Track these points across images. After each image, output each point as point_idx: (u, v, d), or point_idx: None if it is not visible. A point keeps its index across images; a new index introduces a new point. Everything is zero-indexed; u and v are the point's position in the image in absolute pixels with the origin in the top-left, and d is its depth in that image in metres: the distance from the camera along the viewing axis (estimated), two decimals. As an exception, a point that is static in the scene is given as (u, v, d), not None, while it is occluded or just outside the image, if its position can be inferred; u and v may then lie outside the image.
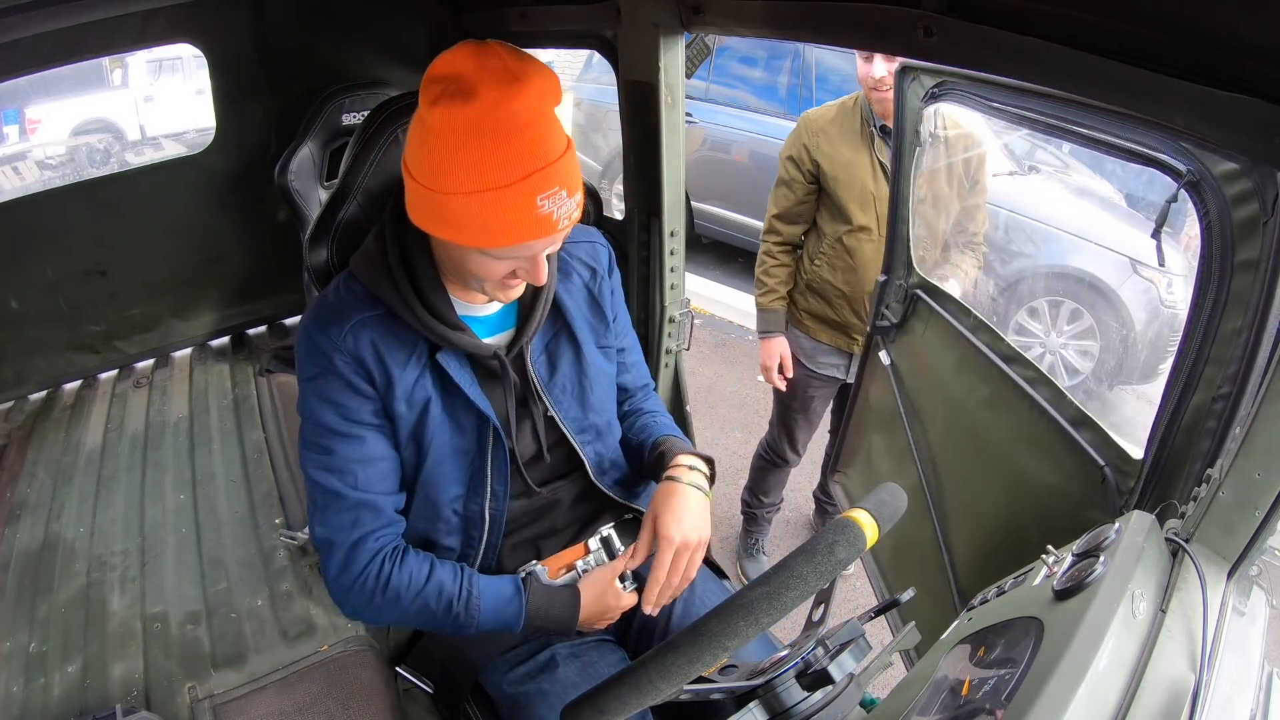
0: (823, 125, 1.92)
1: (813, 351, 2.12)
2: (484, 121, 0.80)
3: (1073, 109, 1.04)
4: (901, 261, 1.64)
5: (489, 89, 0.79)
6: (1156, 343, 3.44)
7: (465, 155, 0.81)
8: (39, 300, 2.30)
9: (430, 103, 0.81)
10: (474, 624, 1.03)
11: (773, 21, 1.17)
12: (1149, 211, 3.63)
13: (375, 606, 1.01)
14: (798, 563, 0.74)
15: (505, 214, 0.83)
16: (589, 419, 1.13)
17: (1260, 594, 0.78)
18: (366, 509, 1.00)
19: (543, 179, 0.83)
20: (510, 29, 1.87)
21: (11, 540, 1.83)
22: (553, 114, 0.86)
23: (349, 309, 0.97)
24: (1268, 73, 0.59)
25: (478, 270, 0.91)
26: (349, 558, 1.00)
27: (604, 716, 0.69)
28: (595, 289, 1.14)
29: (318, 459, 0.99)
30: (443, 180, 0.82)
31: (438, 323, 0.97)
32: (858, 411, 1.92)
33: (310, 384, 0.98)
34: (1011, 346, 1.35)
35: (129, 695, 1.41)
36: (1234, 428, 0.90)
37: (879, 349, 1.75)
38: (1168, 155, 0.93)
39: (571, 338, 1.10)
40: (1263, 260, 0.86)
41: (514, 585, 1.06)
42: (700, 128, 4.87)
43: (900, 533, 1.66)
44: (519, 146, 0.81)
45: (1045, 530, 1.21)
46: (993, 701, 0.60)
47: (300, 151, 2.20)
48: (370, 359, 0.97)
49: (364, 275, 0.98)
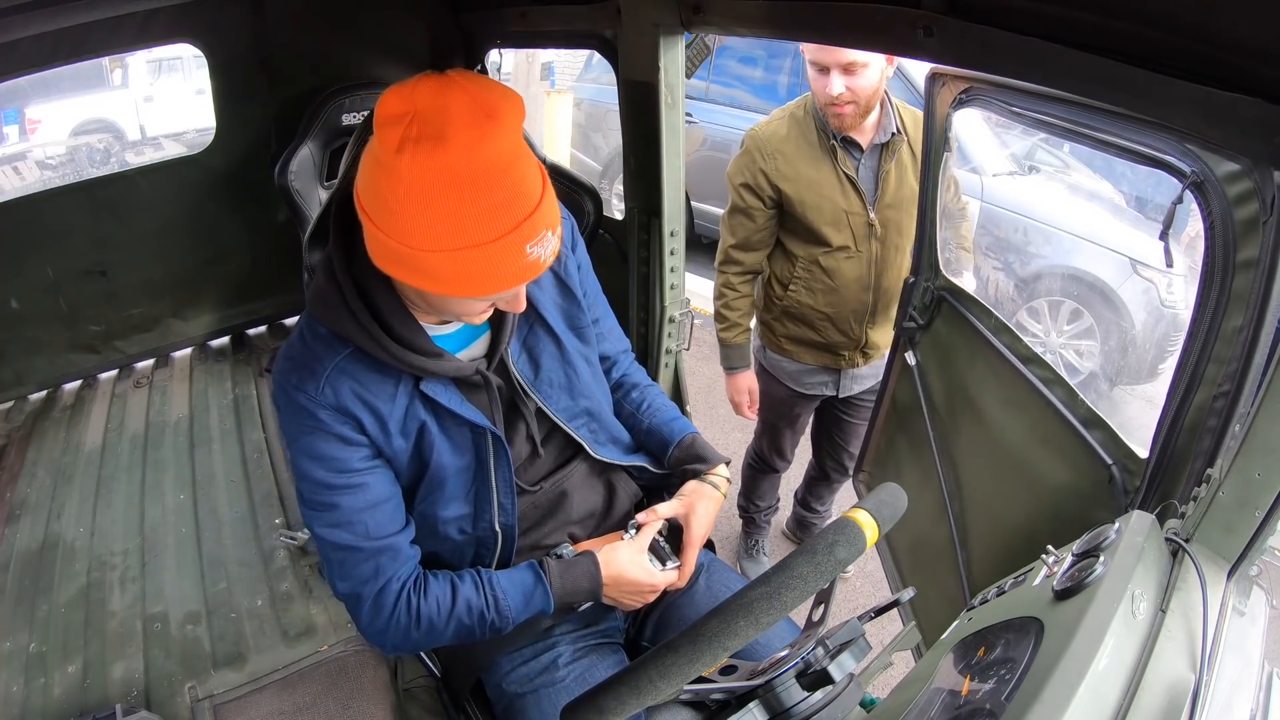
0: (777, 145, 1.76)
1: (798, 374, 2.03)
2: (460, 172, 0.73)
3: (1086, 113, 1.04)
4: (928, 264, 1.65)
5: (460, 131, 0.72)
6: (1156, 343, 3.45)
7: (443, 210, 0.74)
8: (39, 300, 2.30)
9: (394, 149, 0.73)
10: (509, 623, 1.03)
11: (773, 21, 1.17)
12: (1149, 211, 3.63)
13: (414, 641, 1.01)
14: (798, 563, 0.74)
15: (491, 268, 0.78)
16: (579, 405, 1.12)
17: (1260, 594, 0.78)
18: (384, 554, 0.98)
19: (529, 228, 0.78)
20: (510, 29, 1.87)
21: (11, 540, 1.83)
22: (526, 147, 0.80)
23: (319, 357, 0.92)
24: (1268, 73, 0.59)
25: (454, 309, 0.89)
26: (377, 604, 0.99)
27: (604, 716, 0.69)
28: (561, 270, 1.11)
29: (323, 516, 0.96)
30: (418, 238, 0.76)
31: (416, 355, 0.92)
32: (884, 412, 1.92)
33: (299, 444, 0.94)
34: (1029, 348, 1.36)
35: (129, 695, 1.41)
36: (1233, 424, 0.91)
37: (905, 350, 1.75)
38: (1173, 157, 0.94)
39: (548, 330, 1.08)
40: (1262, 259, 0.87)
41: (533, 572, 1.06)
42: (700, 128, 4.87)
43: (918, 531, 1.68)
44: (502, 196, 0.76)
45: (1056, 531, 1.21)
46: (993, 701, 0.60)
47: (300, 151, 2.19)
48: (355, 405, 0.93)
49: (325, 317, 0.91)
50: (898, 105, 1.76)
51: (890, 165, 1.75)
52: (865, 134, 1.74)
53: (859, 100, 1.64)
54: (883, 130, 1.73)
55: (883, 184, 1.76)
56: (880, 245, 1.79)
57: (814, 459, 2.39)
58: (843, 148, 1.73)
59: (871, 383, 2.04)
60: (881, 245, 1.79)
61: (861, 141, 1.73)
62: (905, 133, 1.75)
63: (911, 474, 1.75)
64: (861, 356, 1.95)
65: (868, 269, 1.81)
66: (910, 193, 1.79)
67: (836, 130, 1.71)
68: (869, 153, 1.75)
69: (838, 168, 1.73)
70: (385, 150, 0.74)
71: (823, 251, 1.81)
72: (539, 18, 1.74)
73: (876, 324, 1.90)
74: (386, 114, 0.74)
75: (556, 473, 1.14)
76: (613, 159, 5.33)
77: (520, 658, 1.14)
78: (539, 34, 1.83)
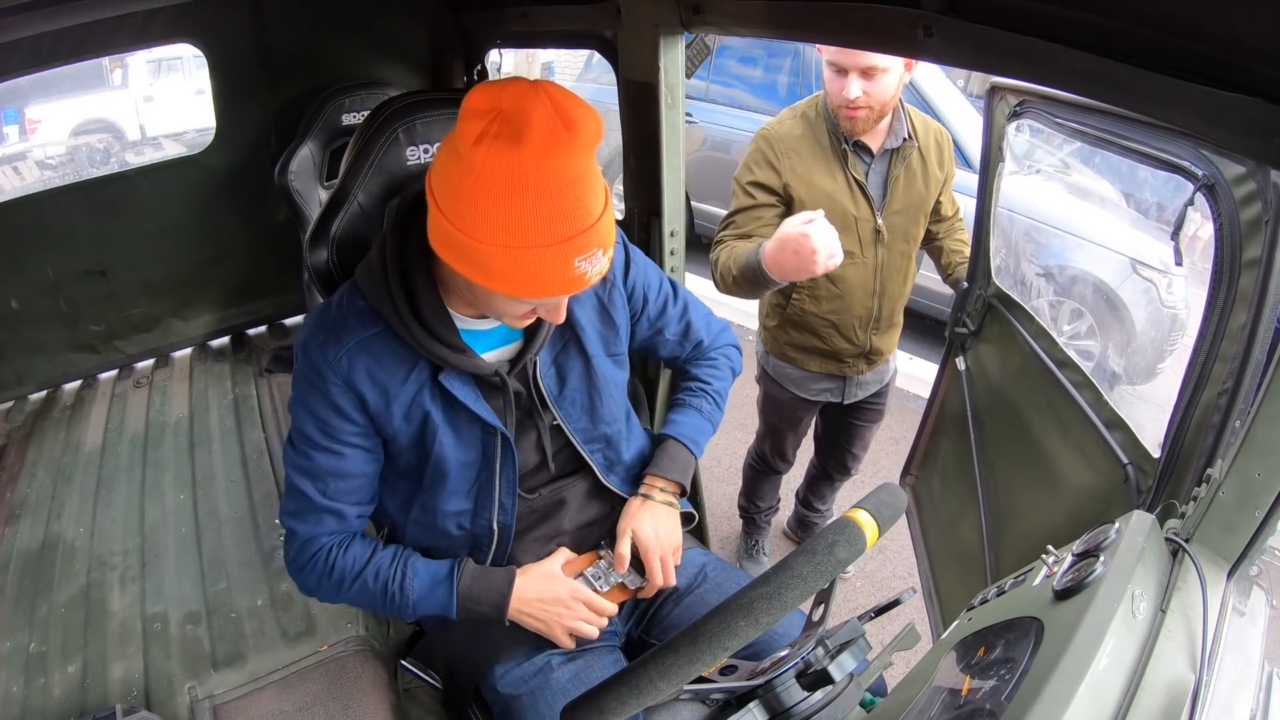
0: (792, 145, 1.70)
1: (803, 380, 1.98)
2: (529, 174, 0.76)
3: (1114, 122, 1.10)
4: (983, 272, 1.68)
5: (538, 136, 0.75)
6: (1156, 343, 3.44)
7: (506, 206, 0.77)
8: (39, 300, 2.30)
9: (473, 140, 0.76)
10: (409, 605, 1.05)
11: (773, 21, 1.17)
12: (1149, 211, 3.63)
13: (323, 588, 1.06)
14: (798, 563, 0.74)
15: (540, 271, 0.81)
16: (598, 429, 1.13)
17: (1260, 594, 0.78)
18: (331, 515, 1.03)
19: (583, 241, 0.81)
20: (510, 29, 1.87)
21: (11, 540, 1.83)
22: (596, 167, 0.83)
23: (348, 327, 0.96)
24: (1268, 73, 0.59)
25: (497, 307, 0.91)
26: (304, 546, 1.05)
27: (604, 716, 0.69)
28: (606, 297, 1.12)
29: (297, 460, 1.02)
30: (477, 229, 0.79)
31: (439, 345, 0.96)
32: (933, 416, 1.94)
33: (301, 389, 0.99)
34: (1064, 351, 1.39)
35: (129, 695, 1.41)
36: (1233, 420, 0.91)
37: (955, 355, 1.79)
38: (1187, 161, 0.97)
39: (581, 350, 1.09)
40: (1262, 258, 0.88)
41: (448, 568, 1.07)
42: (700, 128, 4.87)
43: (957, 533, 1.70)
44: (563, 207, 0.78)
45: (1075, 533, 1.22)
46: (993, 701, 0.60)
47: (300, 151, 2.20)
48: (364, 383, 0.96)
49: (367, 289, 0.96)
50: (909, 110, 1.75)
51: (900, 171, 1.73)
52: (876, 138, 1.71)
53: (874, 105, 1.61)
54: (894, 135, 1.71)
55: (891, 190, 1.74)
56: (886, 251, 1.77)
57: (816, 459, 2.39)
58: (854, 152, 1.70)
59: (876, 388, 2.03)
60: (888, 251, 1.77)
61: (872, 146, 1.71)
62: (916, 138, 1.74)
63: (953, 478, 1.78)
64: (866, 363, 1.93)
65: (873, 276, 1.79)
66: (918, 198, 1.78)
67: (848, 133, 1.68)
68: (879, 158, 1.73)
69: (848, 172, 1.71)
70: (464, 141, 0.77)
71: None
72: (539, 18, 1.74)
73: (881, 331, 1.89)
74: (471, 108, 0.78)
75: (558, 481, 1.14)
76: (613, 159, 5.33)
77: (517, 658, 1.14)
78: (539, 34, 1.83)
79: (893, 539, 2.47)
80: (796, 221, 1.43)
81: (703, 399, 1.28)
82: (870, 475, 2.79)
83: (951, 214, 1.94)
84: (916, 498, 2.04)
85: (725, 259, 1.68)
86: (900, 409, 3.06)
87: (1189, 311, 3.28)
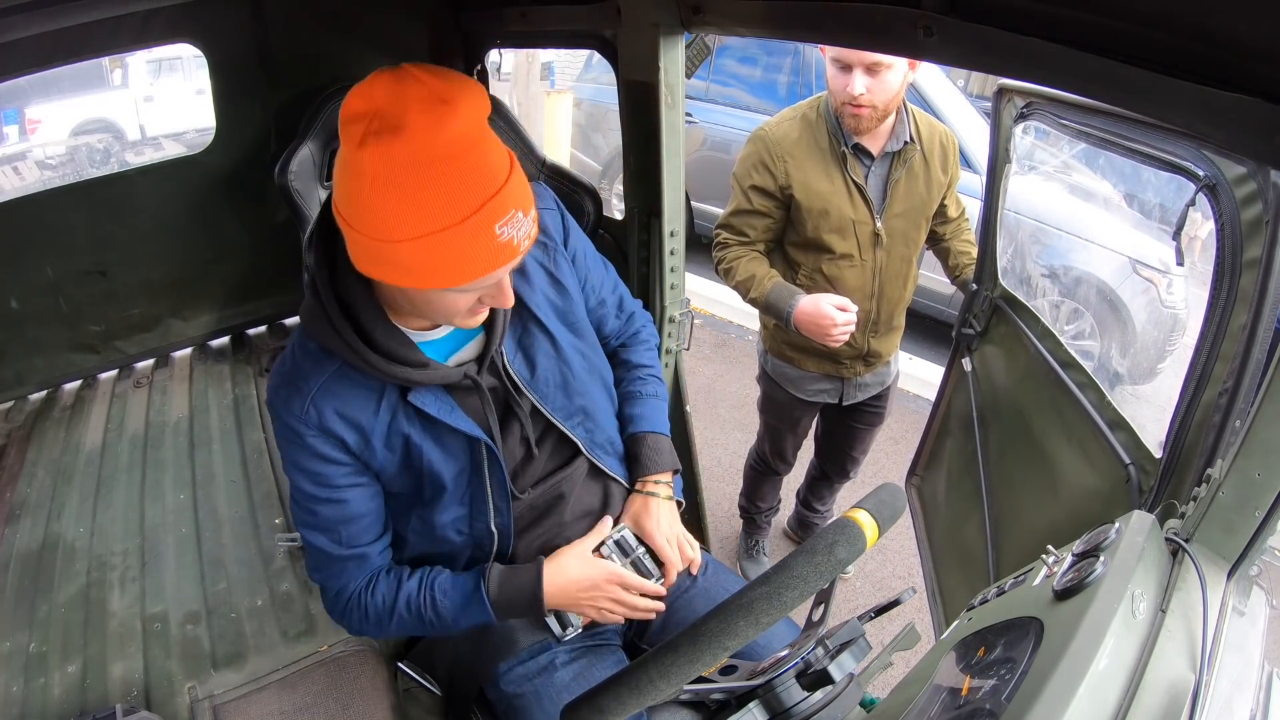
0: (788, 148, 1.71)
1: (801, 381, 1.99)
2: (419, 157, 0.74)
3: (1119, 123, 1.11)
4: (989, 273, 1.68)
5: (417, 118, 0.73)
6: (1156, 343, 3.44)
7: (407, 197, 0.75)
8: (39, 300, 2.30)
9: (356, 145, 0.74)
10: (449, 625, 1.05)
11: (773, 21, 1.16)
12: (1150, 212, 3.63)
13: (369, 629, 1.09)
14: (798, 563, 0.74)
15: (463, 251, 0.78)
16: (574, 403, 1.12)
17: (1260, 594, 0.78)
18: (353, 561, 1.05)
19: (497, 205, 0.78)
20: (510, 29, 1.87)
21: (11, 540, 1.83)
22: (489, 130, 0.80)
23: (305, 373, 0.95)
24: (1268, 73, 0.59)
25: (441, 308, 0.88)
26: (337, 597, 1.08)
27: (604, 716, 0.69)
28: (551, 265, 1.10)
29: (303, 517, 1.03)
30: (387, 228, 0.77)
31: (399, 366, 0.93)
32: (939, 417, 1.94)
33: (287, 455, 0.99)
34: (1068, 352, 1.40)
35: (129, 695, 1.41)
36: (1233, 420, 0.91)
37: (961, 356, 1.79)
38: (1190, 162, 0.98)
39: (541, 327, 1.07)
40: (1263, 258, 0.88)
41: (474, 580, 1.06)
42: (700, 128, 4.87)
43: (957, 533, 1.70)
44: (465, 176, 0.76)
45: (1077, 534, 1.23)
46: (993, 701, 0.60)
47: (300, 151, 2.19)
48: (338, 425, 0.95)
49: (314, 330, 0.93)
50: (914, 112, 1.74)
51: (901, 174, 1.72)
52: (878, 140, 1.71)
53: (878, 103, 1.60)
54: (895, 138, 1.70)
55: (891, 193, 1.73)
56: (885, 254, 1.77)
57: (816, 461, 2.39)
58: (854, 154, 1.69)
59: (876, 391, 2.03)
60: (886, 254, 1.77)
61: (873, 148, 1.70)
62: (919, 141, 1.73)
63: (958, 479, 1.78)
64: (864, 365, 1.93)
65: (871, 278, 1.79)
66: (920, 202, 1.77)
67: (851, 132, 1.67)
68: (880, 160, 1.72)
69: (847, 175, 1.70)
70: (349, 148, 0.76)
71: (826, 259, 1.77)
72: (539, 18, 1.74)
73: (880, 333, 1.88)
74: (349, 114, 0.76)
75: (553, 475, 1.14)
76: (613, 159, 5.33)
77: (518, 658, 1.14)
78: (539, 34, 1.82)
79: (893, 539, 2.47)
80: (834, 302, 1.68)
81: (653, 384, 1.29)
82: (871, 476, 2.79)
83: (957, 215, 1.93)
84: (921, 499, 2.04)
85: (745, 275, 1.78)
86: (900, 409, 3.06)
87: (1189, 311, 3.28)
